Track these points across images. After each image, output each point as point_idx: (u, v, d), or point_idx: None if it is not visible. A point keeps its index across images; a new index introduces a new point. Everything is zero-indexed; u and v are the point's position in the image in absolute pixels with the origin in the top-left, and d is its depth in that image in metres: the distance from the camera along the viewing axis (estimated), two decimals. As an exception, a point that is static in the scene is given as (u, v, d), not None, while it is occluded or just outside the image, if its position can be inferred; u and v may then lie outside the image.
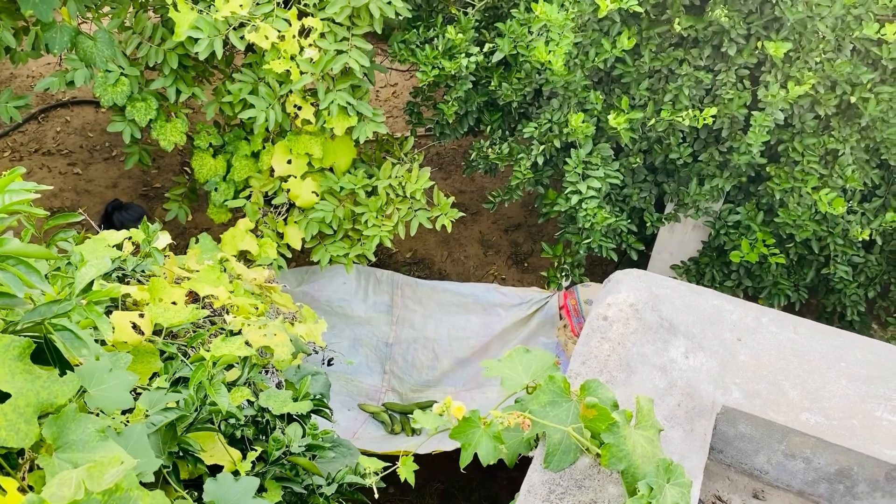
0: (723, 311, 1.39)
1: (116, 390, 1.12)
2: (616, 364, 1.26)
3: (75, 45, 3.09)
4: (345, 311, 3.69)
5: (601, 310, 1.34)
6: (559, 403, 1.11)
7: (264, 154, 3.26)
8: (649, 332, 1.31)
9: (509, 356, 1.24)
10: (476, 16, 3.06)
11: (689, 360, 1.29)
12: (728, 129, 2.87)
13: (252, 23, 2.89)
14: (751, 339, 1.34)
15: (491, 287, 3.52)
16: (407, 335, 3.71)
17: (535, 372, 1.20)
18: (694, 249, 3.43)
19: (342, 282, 3.66)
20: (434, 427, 1.15)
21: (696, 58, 2.80)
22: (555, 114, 2.89)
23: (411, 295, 3.69)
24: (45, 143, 5.28)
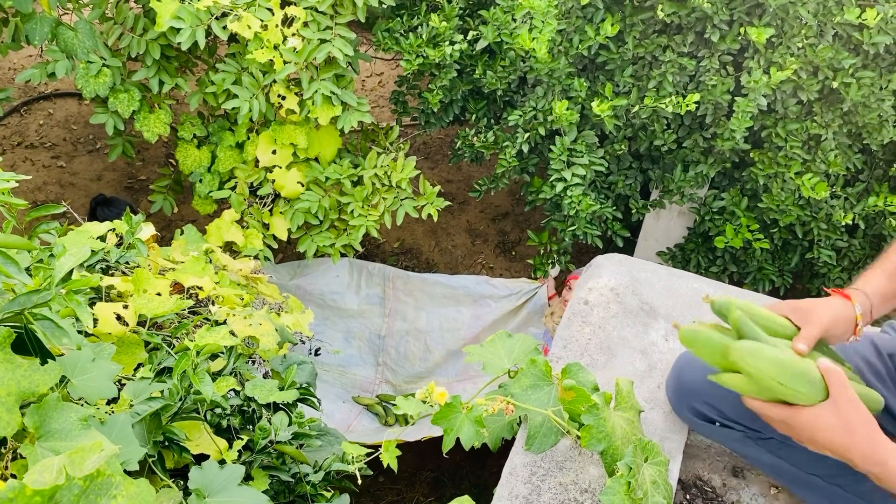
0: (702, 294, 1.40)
1: (99, 380, 1.12)
2: (597, 347, 1.27)
3: (56, 36, 3.06)
4: (337, 304, 3.70)
5: (582, 294, 1.35)
6: (540, 387, 1.12)
7: (249, 144, 3.25)
8: (630, 316, 1.32)
9: (491, 341, 1.24)
10: (460, 3, 3.06)
11: (669, 342, 1.30)
12: (712, 115, 2.88)
13: (234, 12, 2.87)
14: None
15: (481, 279, 3.54)
16: (399, 327, 3.73)
17: (517, 356, 1.21)
18: (679, 236, 3.45)
19: (335, 275, 3.68)
20: (417, 413, 1.16)
21: (680, 44, 2.81)
22: (539, 101, 2.90)
23: (402, 287, 3.71)
24: (27, 136, 5.23)
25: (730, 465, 1.40)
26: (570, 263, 3.21)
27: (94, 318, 1.62)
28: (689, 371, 1.19)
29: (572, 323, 1.30)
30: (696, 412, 1.20)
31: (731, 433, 1.21)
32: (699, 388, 1.18)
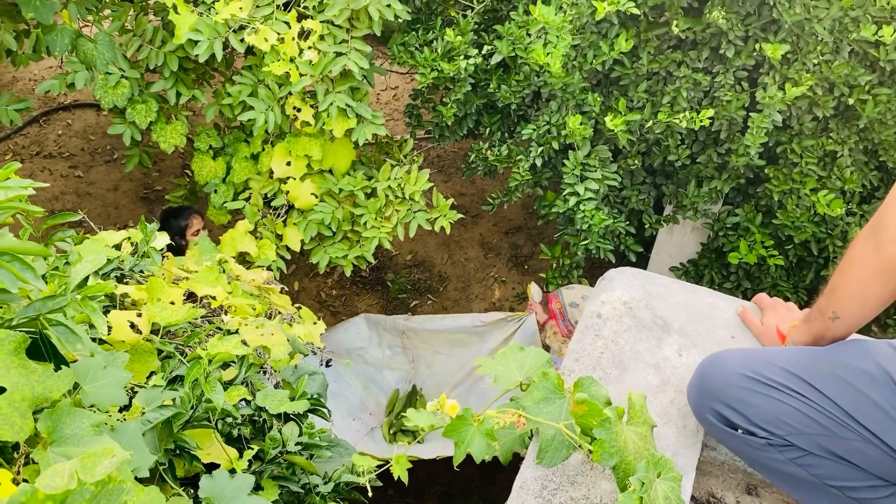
0: (716, 309, 1.39)
1: (111, 387, 1.13)
2: (609, 361, 1.26)
3: (76, 47, 3.10)
4: (364, 358, 3.76)
5: (595, 307, 1.34)
6: (552, 400, 1.12)
7: (264, 156, 3.27)
8: (643, 330, 1.32)
9: (503, 354, 1.24)
10: (475, 18, 3.08)
11: (682, 357, 1.29)
12: (727, 130, 2.88)
13: (252, 25, 2.90)
14: (744, 336, 1.34)
15: (474, 317, 3.59)
16: (423, 372, 3.80)
17: (529, 369, 1.21)
18: (693, 251, 3.44)
19: (355, 332, 3.77)
20: (429, 425, 1.16)
21: (695, 60, 2.81)
22: (553, 116, 2.90)
23: (415, 336, 3.78)
24: (46, 145, 5.30)
25: (743, 482, 1.38)
26: (583, 278, 3.20)
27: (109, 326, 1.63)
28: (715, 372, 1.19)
29: (585, 336, 1.29)
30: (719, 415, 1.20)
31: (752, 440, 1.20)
32: (724, 391, 1.17)
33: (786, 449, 1.15)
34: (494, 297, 4.46)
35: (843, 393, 1.12)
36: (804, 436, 1.13)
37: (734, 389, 1.15)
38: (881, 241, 1.14)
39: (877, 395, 1.09)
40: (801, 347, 1.25)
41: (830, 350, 1.19)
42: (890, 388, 1.09)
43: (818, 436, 1.13)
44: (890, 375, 1.09)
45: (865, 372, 1.11)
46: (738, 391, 1.15)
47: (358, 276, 4.48)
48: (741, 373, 1.16)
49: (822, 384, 1.12)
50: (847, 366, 1.13)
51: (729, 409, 1.17)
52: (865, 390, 1.11)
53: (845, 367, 1.13)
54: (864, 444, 1.10)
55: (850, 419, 1.11)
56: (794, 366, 1.15)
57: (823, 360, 1.15)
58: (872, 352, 1.13)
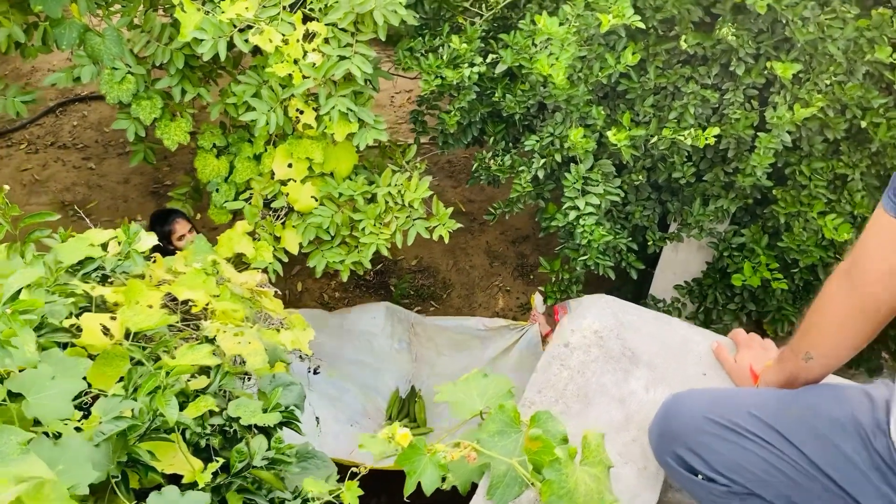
0: (690, 343, 1.34)
1: (57, 399, 1.10)
2: (573, 394, 1.22)
3: (84, 41, 3.10)
4: (371, 344, 3.75)
5: (564, 336, 1.30)
6: (508, 434, 1.08)
7: (266, 157, 3.25)
8: (611, 362, 1.27)
9: (466, 380, 1.20)
10: (483, 26, 3.04)
11: (649, 393, 1.24)
12: (734, 149, 2.81)
13: (257, 25, 2.88)
14: (716, 373, 1.29)
15: (478, 321, 3.55)
16: (426, 372, 3.78)
17: (490, 398, 1.17)
18: (698, 270, 3.37)
19: (371, 317, 3.77)
20: (381, 452, 1.12)
21: (704, 76, 2.74)
22: (557, 127, 2.85)
23: (423, 333, 3.77)
24: (60, 136, 5.34)
25: (714, 523, 1.33)
26: (581, 293, 3.15)
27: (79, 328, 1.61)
28: (678, 413, 1.14)
29: (550, 366, 1.25)
30: (679, 459, 1.15)
31: (713, 487, 1.15)
32: (686, 434, 1.12)
33: (748, 497, 1.10)
34: (498, 307, 4.41)
35: (811, 441, 1.06)
36: (767, 485, 1.08)
37: (697, 433, 1.10)
38: (857, 279, 1.08)
39: (846, 446, 1.04)
40: (771, 390, 1.19)
41: (802, 394, 1.14)
42: (859, 439, 1.03)
43: (782, 485, 1.07)
44: (861, 426, 1.03)
45: (836, 420, 1.06)
46: (700, 435, 1.10)
47: (362, 280, 4.46)
48: (705, 416, 1.10)
49: (789, 431, 1.07)
50: (817, 413, 1.08)
51: (690, 453, 1.12)
52: (835, 440, 1.05)
53: (815, 414, 1.08)
54: (830, 496, 1.05)
55: (815, 469, 1.06)
56: (760, 410, 1.10)
57: (793, 405, 1.10)
58: (845, 399, 1.08)
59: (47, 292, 1.57)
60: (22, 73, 5.73)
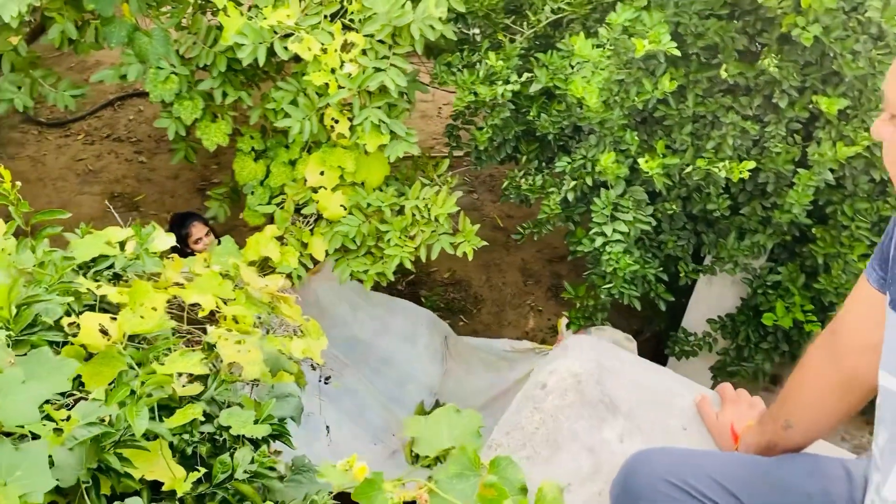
0: (673, 395, 1.27)
1: (23, 403, 1.11)
2: (542, 439, 1.17)
3: (132, 40, 3.18)
4: (407, 345, 3.74)
5: (541, 377, 1.25)
6: (467, 477, 1.04)
7: (301, 163, 3.28)
8: (587, 408, 1.22)
9: (436, 415, 1.16)
10: (524, 43, 3.00)
11: (623, 444, 1.18)
12: (773, 184, 2.70)
13: (297, 33, 2.91)
14: (697, 429, 1.22)
15: (505, 342, 3.51)
16: (451, 388, 3.77)
17: (459, 436, 1.13)
18: (732, 305, 3.25)
19: (413, 321, 3.73)
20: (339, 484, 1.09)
21: (745, 106, 2.65)
22: (591, 150, 2.79)
23: (453, 346, 3.75)
24: (116, 129, 5.49)
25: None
26: (606, 321, 3.07)
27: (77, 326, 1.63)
28: (640, 472, 1.08)
29: (523, 408, 1.20)
30: None
31: None
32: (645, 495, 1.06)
33: None
34: (528, 326, 4.35)
35: None
36: None
37: (653, 494, 1.04)
38: (837, 349, 1.02)
39: None
40: (744, 457, 1.12)
41: (775, 463, 1.06)
42: None
43: None
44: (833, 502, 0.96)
45: (806, 494, 0.99)
46: (659, 497, 1.04)
47: (394, 290, 4.45)
48: (665, 478, 1.04)
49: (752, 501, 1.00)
50: (786, 486, 1.01)
51: None
52: None
53: (784, 487, 1.01)
54: None
55: None
56: (726, 477, 1.03)
57: (763, 475, 1.03)
58: (821, 472, 1.01)
59: (46, 290, 1.60)
60: (87, 65, 5.92)
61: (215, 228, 3.69)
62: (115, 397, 1.29)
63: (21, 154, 5.19)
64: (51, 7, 3.08)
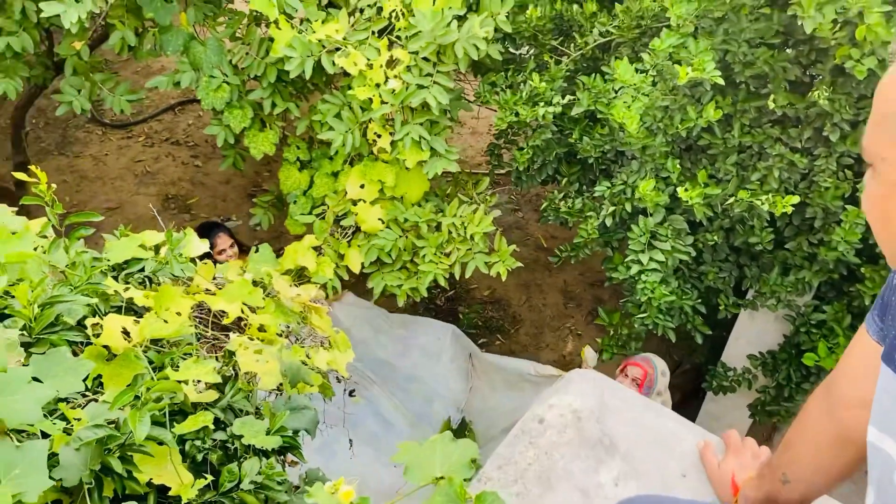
0: (676, 438, 1.22)
1: (26, 402, 1.14)
2: (535, 476, 1.14)
3: (187, 49, 3.27)
4: (430, 363, 3.74)
5: (540, 410, 1.22)
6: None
7: (343, 175, 3.31)
8: (584, 447, 1.18)
9: (431, 442, 1.15)
10: (569, 65, 2.97)
11: (618, 487, 1.14)
12: (821, 219, 2.61)
13: (345, 48, 2.94)
14: (697, 476, 1.17)
15: (529, 364, 3.47)
16: (477, 406, 3.74)
17: (451, 466, 1.11)
18: (774, 342, 3.14)
19: (436, 337, 3.74)
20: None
21: (795, 139, 2.56)
22: (632, 176, 2.75)
23: (479, 366, 3.73)
24: (175, 133, 5.65)
25: None
26: (639, 351, 3.00)
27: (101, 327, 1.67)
28: None
29: (517, 442, 1.17)
30: None
31: None
32: None
33: None
34: (566, 350, 4.29)
35: None
36: None
37: None
38: (835, 403, 0.96)
39: None
40: None
41: None
42: None
43: None
44: None
45: None
46: None
47: (432, 304, 4.45)
48: None
49: None
50: None
51: None
52: None
53: None
54: None
55: None
56: None
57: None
58: None
59: (71, 290, 1.64)
60: (152, 71, 6.12)
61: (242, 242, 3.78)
62: (118, 401, 1.31)
63: (84, 153, 5.38)
64: (113, 15, 3.20)
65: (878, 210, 0.79)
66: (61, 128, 5.52)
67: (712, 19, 2.49)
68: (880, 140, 0.75)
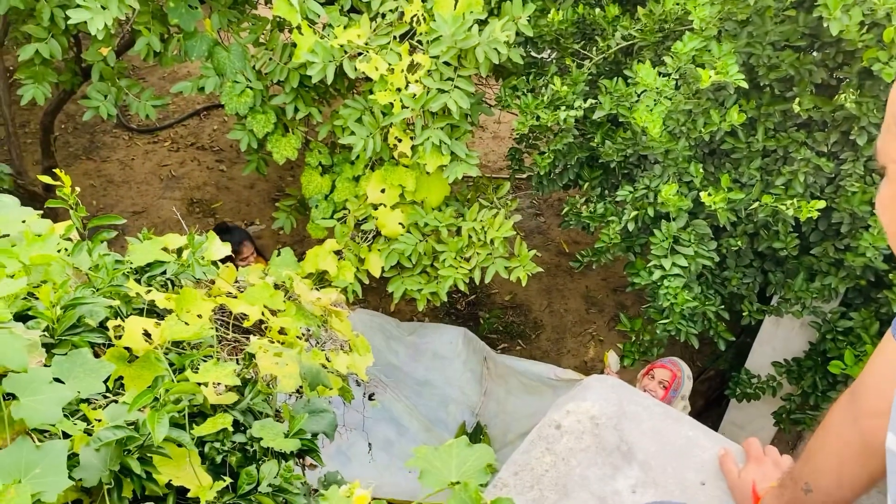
0: (695, 446, 1.20)
1: (48, 403, 1.15)
2: (551, 483, 1.12)
3: (211, 54, 3.31)
4: (444, 367, 3.74)
5: (557, 416, 1.20)
6: (466, 513, 1.01)
7: (364, 180, 3.32)
8: (601, 453, 1.16)
9: (447, 447, 1.14)
10: (592, 69, 2.95)
11: (635, 495, 1.12)
12: (848, 225, 2.57)
13: (366, 53, 2.96)
14: (717, 485, 1.15)
15: (549, 368, 3.44)
16: (492, 409, 3.74)
17: (468, 470, 1.10)
18: (800, 349, 3.09)
19: (448, 340, 3.74)
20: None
21: (821, 143, 2.53)
22: (654, 180, 2.72)
23: (494, 369, 3.71)
24: (201, 138, 5.72)
25: None
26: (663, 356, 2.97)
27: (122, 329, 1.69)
28: None
29: (533, 447, 1.16)
30: None
31: None
32: None
33: None
34: (588, 356, 4.26)
35: None
36: None
37: None
38: (859, 411, 0.94)
39: None
40: None
41: None
42: None
43: None
44: None
45: None
46: None
47: (452, 308, 4.45)
48: None
49: None
50: None
51: None
52: None
53: None
54: None
55: None
56: None
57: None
58: None
59: (93, 292, 1.66)
60: (178, 76, 6.20)
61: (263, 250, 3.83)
62: (137, 403, 1.32)
63: (111, 157, 5.46)
64: (139, 21, 3.24)
65: (890, 212, 0.78)
66: (89, 133, 5.61)
67: (736, 22, 2.47)
68: (892, 143, 0.75)
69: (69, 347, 1.48)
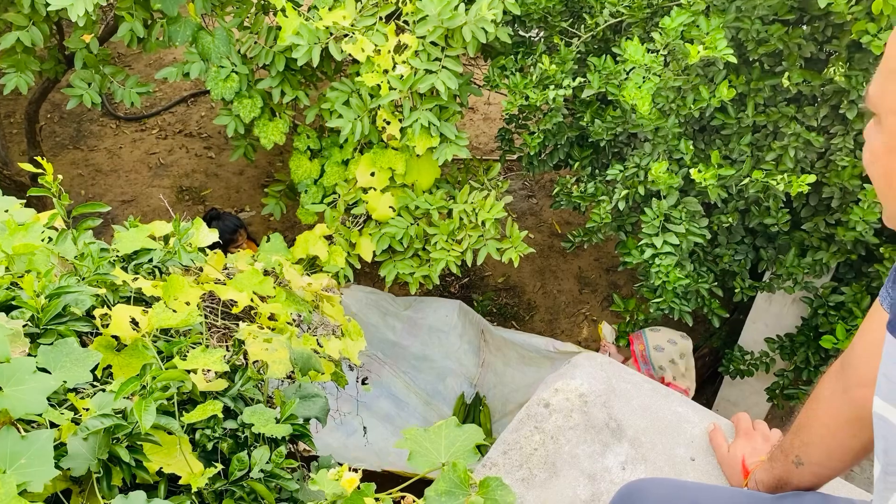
0: (684, 422, 1.20)
1: (32, 393, 1.14)
2: (540, 461, 1.12)
3: (196, 39, 3.27)
4: (441, 341, 3.74)
5: (546, 394, 1.20)
6: (455, 495, 1.00)
7: (353, 163, 3.29)
8: (590, 431, 1.16)
9: (437, 428, 1.14)
10: (580, 47, 2.93)
11: (625, 471, 1.12)
12: (839, 199, 2.56)
13: (352, 34, 2.92)
14: (706, 460, 1.15)
15: (548, 340, 3.44)
16: (490, 380, 3.74)
17: (457, 450, 1.10)
18: (792, 325, 3.10)
19: (444, 314, 3.75)
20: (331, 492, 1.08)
21: (810, 117, 2.51)
22: (644, 158, 2.71)
23: (491, 341, 3.71)
24: (189, 124, 5.67)
25: None
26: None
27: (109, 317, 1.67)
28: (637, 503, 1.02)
29: (523, 426, 1.15)
30: None
31: None
32: None
33: None
34: (581, 336, 4.26)
35: None
36: None
37: None
38: (849, 381, 0.94)
39: None
40: (744, 493, 1.05)
41: (776, 501, 0.98)
42: None
43: None
44: None
45: None
46: None
47: (446, 291, 4.44)
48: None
49: None
50: None
51: None
52: None
53: None
54: None
55: None
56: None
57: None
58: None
59: (78, 281, 1.64)
60: (164, 62, 6.13)
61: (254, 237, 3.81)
62: (123, 390, 1.31)
63: (99, 146, 5.41)
64: (121, 6, 3.19)
65: (881, 165, 0.74)
66: (76, 122, 5.55)
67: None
68: (892, 92, 0.70)
69: (55, 337, 1.47)
